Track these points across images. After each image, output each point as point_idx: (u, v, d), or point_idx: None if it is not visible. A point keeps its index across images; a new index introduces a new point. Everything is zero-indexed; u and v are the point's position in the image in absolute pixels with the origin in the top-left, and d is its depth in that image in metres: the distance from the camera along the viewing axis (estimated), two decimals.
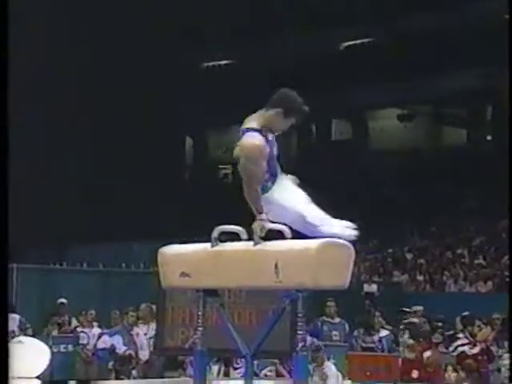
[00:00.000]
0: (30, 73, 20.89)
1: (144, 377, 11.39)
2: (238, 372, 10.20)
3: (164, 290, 6.76)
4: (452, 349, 11.63)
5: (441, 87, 25.48)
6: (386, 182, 24.79)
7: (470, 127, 28.60)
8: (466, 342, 11.63)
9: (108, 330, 13.00)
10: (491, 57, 23.58)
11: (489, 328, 12.29)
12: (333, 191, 19.21)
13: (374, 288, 18.02)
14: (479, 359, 10.66)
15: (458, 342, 11.72)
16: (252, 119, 4.61)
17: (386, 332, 12.31)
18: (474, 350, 11.14)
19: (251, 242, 4.49)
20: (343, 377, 10.69)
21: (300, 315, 4.32)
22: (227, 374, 10.44)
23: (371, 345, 11.75)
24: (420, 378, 10.23)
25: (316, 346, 11.05)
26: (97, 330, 13.19)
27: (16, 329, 11.98)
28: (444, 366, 10.90)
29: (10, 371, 2.55)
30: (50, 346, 6.84)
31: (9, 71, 2.68)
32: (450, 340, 12.17)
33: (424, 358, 10.50)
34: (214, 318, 5.19)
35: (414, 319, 12.48)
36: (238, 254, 4.55)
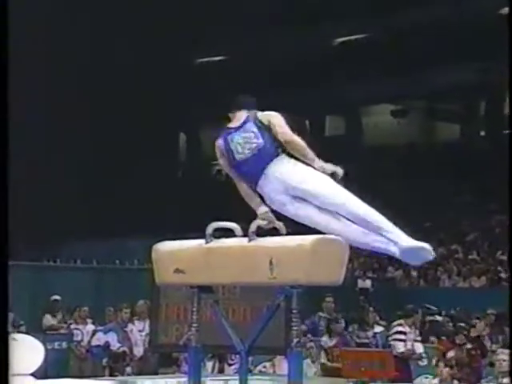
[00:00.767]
0: (29, 72, 20.87)
1: (138, 373, 11.38)
2: (232, 368, 10.21)
3: (158, 287, 6.74)
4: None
5: (434, 83, 25.49)
6: (380, 178, 24.77)
7: (464, 123, 28.62)
8: None
9: (102, 326, 13.01)
10: (485, 52, 23.60)
11: (482, 323, 12.26)
12: None
13: (368, 284, 18.05)
14: (472, 354, 10.62)
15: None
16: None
17: (380, 328, 12.31)
18: (467, 345, 11.12)
19: (245, 239, 4.49)
20: None
21: (294, 311, 4.31)
22: (222, 371, 10.44)
23: (365, 340, 11.74)
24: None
25: (310, 341, 11.07)
26: (91, 327, 13.18)
27: (9, 326, 11.94)
28: (436, 360, 10.87)
29: (10, 369, 2.53)
30: (43, 342, 6.80)
31: (9, 71, 2.67)
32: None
33: (447, 358, 10.38)
34: (209, 314, 5.18)
35: (438, 317, 12.32)
36: (233, 251, 4.54)
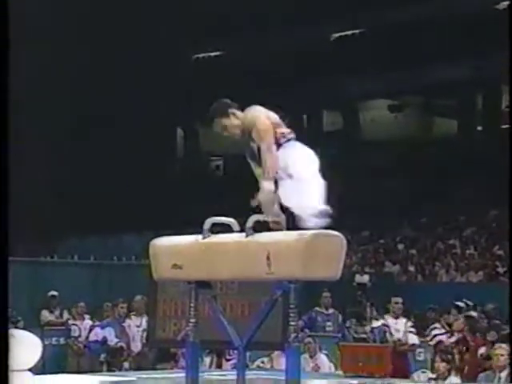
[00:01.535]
0: (29, 72, 20.90)
1: (136, 369, 11.38)
2: (230, 363, 10.20)
3: (155, 282, 6.73)
4: (429, 338, 11.57)
5: (431, 78, 25.48)
6: (378, 173, 24.78)
7: (461, 118, 28.62)
8: (443, 331, 11.58)
9: (99, 322, 13.01)
10: (481, 47, 23.61)
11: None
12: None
13: (365, 279, 18.05)
14: (456, 348, 10.57)
15: (436, 332, 11.65)
16: None
17: (378, 323, 12.31)
18: (451, 340, 11.09)
19: (243, 234, 4.48)
20: (335, 368, 10.69)
21: (292, 306, 4.31)
22: (219, 366, 10.44)
23: (363, 335, 11.74)
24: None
25: (308, 336, 11.07)
26: (88, 323, 13.19)
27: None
28: (432, 356, 10.85)
29: (9, 365, 2.53)
30: (41, 338, 6.79)
31: (9, 70, 2.66)
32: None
33: (477, 355, 10.31)
34: (206, 309, 5.17)
35: (473, 313, 12.25)
36: (230, 246, 4.54)
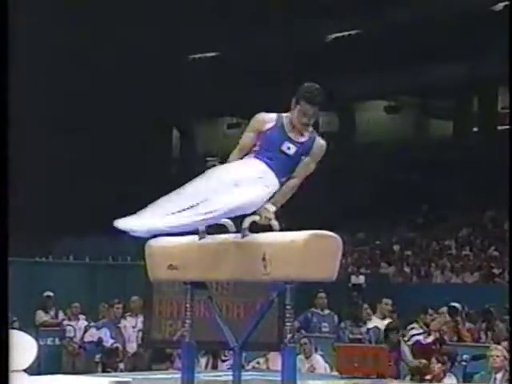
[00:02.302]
0: (29, 72, 20.88)
1: (131, 369, 11.37)
2: (226, 364, 10.20)
3: (151, 283, 6.73)
4: (406, 338, 11.56)
5: (427, 79, 25.50)
6: (373, 174, 24.79)
7: (457, 119, 28.64)
8: (421, 331, 11.56)
9: (95, 322, 12.99)
10: (477, 49, 23.63)
11: (442, 317, 12.18)
12: (319, 184, 19.19)
13: (361, 280, 18.08)
14: (433, 348, 10.54)
15: (413, 332, 11.63)
16: None
17: (373, 324, 12.30)
18: (428, 339, 11.07)
19: (239, 235, 4.48)
20: (331, 369, 10.68)
21: (288, 307, 4.31)
22: (215, 367, 10.43)
23: (359, 336, 11.73)
24: None
25: (304, 337, 11.05)
26: (83, 323, 13.17)
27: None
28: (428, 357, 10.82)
29: (9, 366, 2.52)
30: (36, 339, 6.78)
31: (9, 71, 2.65)
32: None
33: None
34: (202, 310, 5.18)
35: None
36: (226, 247, 4.54)
